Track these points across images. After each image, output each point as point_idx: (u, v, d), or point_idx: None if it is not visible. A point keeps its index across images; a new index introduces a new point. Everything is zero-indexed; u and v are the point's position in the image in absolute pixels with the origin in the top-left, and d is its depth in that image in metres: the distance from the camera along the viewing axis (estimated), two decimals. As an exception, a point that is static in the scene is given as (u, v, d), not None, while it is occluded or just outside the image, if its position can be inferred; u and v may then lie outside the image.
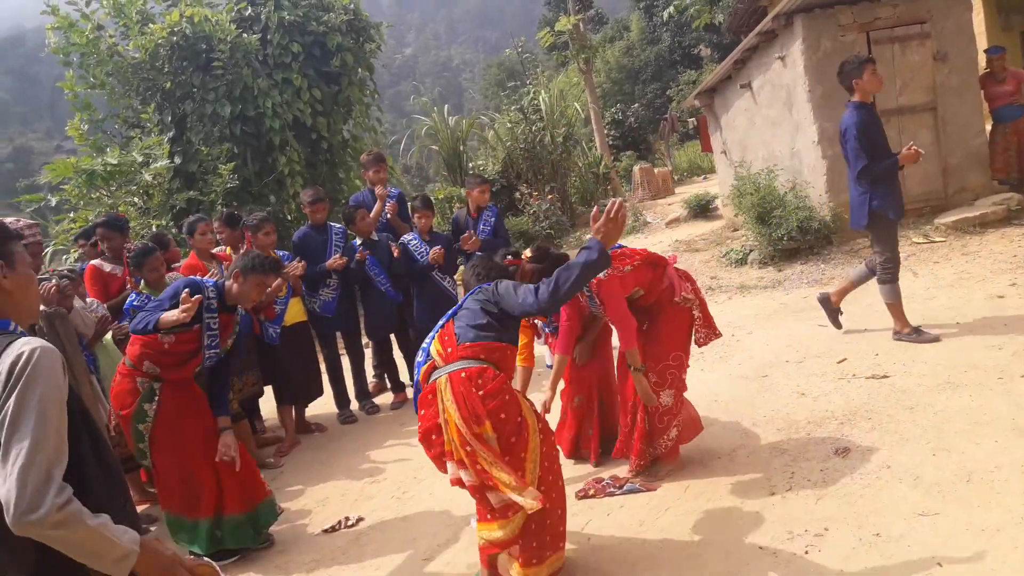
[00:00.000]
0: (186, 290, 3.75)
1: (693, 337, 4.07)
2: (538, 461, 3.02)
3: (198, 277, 4.05)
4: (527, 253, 3.78)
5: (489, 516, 3.03)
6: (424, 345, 3.25)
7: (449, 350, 3.07)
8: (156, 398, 3.93)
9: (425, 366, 3.17)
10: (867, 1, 8.39)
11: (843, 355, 5.29)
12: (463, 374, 2.96)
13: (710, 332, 4.10)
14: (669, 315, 3.96)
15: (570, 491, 3.64)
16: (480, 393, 2.92)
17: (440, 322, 3.26)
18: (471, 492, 3.05)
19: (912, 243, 7.81)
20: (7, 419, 1.60)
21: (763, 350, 5.79)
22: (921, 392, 4.41)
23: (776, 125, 9.55)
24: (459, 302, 3.31)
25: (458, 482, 3.04)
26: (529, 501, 2.79)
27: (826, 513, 3.33)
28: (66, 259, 9.98)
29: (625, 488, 3.96)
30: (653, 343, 3.91)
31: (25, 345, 1.68)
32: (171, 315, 3.71)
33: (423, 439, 3.12)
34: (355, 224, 6.27)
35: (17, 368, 1.64)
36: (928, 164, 8.48)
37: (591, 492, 4.00)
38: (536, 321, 4.47)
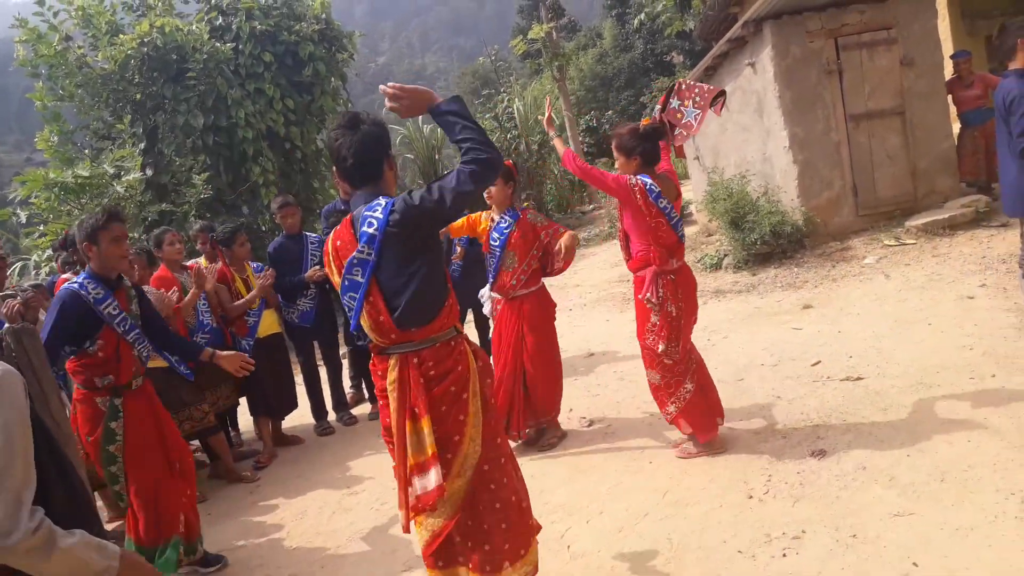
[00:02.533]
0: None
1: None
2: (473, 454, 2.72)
3: (75, 286, 3.75)
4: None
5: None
6: None
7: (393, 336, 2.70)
8: (120, 415, 3.79)
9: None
10: (835, 7, 8.50)
11: (817, 358, 5.34)
12: (415, 359, 2.68)
13: (663, 343, 4.16)
14: (638, 304, 4.29)
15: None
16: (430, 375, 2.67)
17: None
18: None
19: (883, 245, 7.92)
20: None
21: (738, 354, 5.83)
22: (895, 393, 4.46)
23: (747, 131, 9.64)
24: None
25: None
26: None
27: (803, 515, 3.35)
28: (36, 274, 9.84)
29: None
30: (637, 323, 4.34)
31: None
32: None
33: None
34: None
35: None
36: (897, 167, 8.61)
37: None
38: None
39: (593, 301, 9.22)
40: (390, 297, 2.63)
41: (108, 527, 5.04)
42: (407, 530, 2.74)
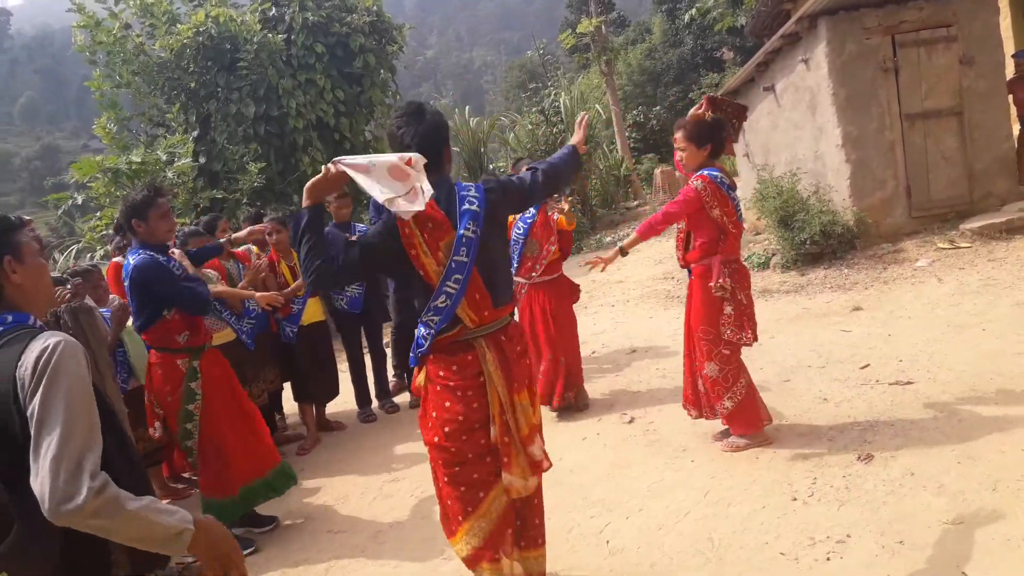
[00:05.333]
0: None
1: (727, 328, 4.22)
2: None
3: (146, 257, 3.90)
4: None
5: (462, 518, 2.76)
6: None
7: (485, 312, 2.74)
8: (198, 375, 4.04)
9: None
10: (893, 4, 8.31)
11: (866, 361, 5.24)
12: (502, 337, 2.77)
13: (740, 332, 4.21)
14: (703, 293, 4.26)
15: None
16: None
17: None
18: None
19: (937, 248, 7.73)
20: (35, 414, 1.60)
21: (785, 355, 5.74)
22: (946, 399, 4.36)
23: (799, 128, 9.48)
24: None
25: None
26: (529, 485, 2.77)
27: (848, 519, 3.30)
28: (90, 256, 10.10)
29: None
30: (690, 314, 4.38)
31: (49, 339, 1.69)
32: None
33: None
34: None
35: (41, 362, 1.64)
36: (953, 169, 8.40)
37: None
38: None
39: (637, 297, 9.16)
40: (486, 274, 2.70)
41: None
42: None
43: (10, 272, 1.82)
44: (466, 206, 2.69)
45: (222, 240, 5.20)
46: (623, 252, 4.41)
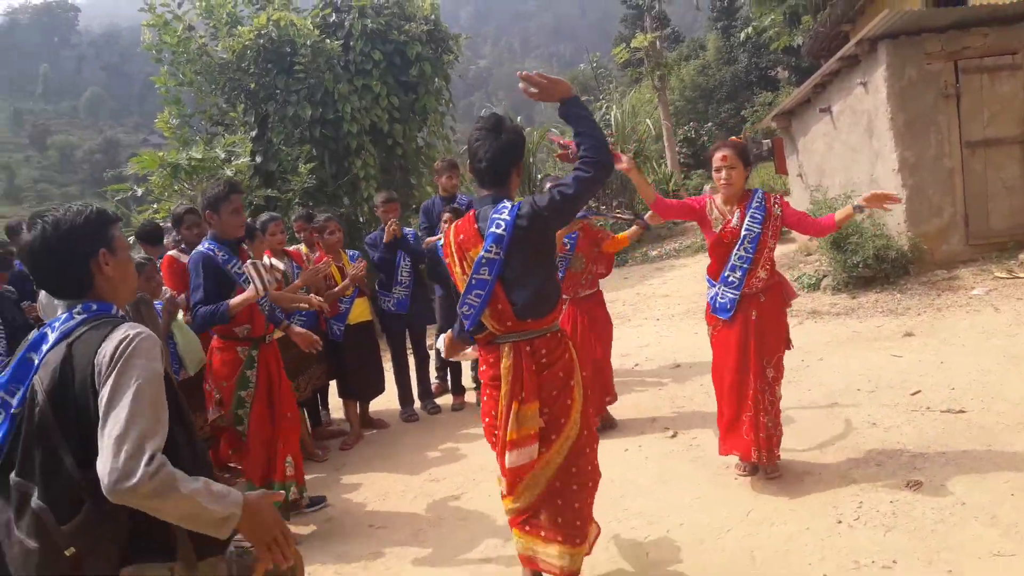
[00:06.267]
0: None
1: None
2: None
3: (203, 249, 4.18)
4: None
5: (506, 491, 3.07)
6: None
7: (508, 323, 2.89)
8: (255, 364, 4.25)
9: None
10: (956, 30, 8.17)
11: (917, 387, 5.15)
12: (527, 348, 2.89)
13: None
14: (778, 309, 4.12)
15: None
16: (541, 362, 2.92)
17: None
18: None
19: (994, 277, 7.56)
20: (106, 396, 1.67)
21: (834, 377, 5.66)
22: (1000, 430, 4.27)
23: (855, 151, 9.36)
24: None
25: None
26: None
27: (895, 546, 3.25)
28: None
29: None
30: (758, 338, 4.04)
31: (130, 330, 1.78)
32: (236, 300, 4.03)
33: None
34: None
35: (119, 351, 1.72)
36: (1015, 198, 8.22)
37: None
38: None
39: (681, 313, 9.11)
40: (511, 290, 2.84)
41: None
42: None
43: (103, 264, 1.90)
44: (493, 228, 2.81)
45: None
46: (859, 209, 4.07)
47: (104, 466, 1.61)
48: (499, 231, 2.78)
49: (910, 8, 8.12)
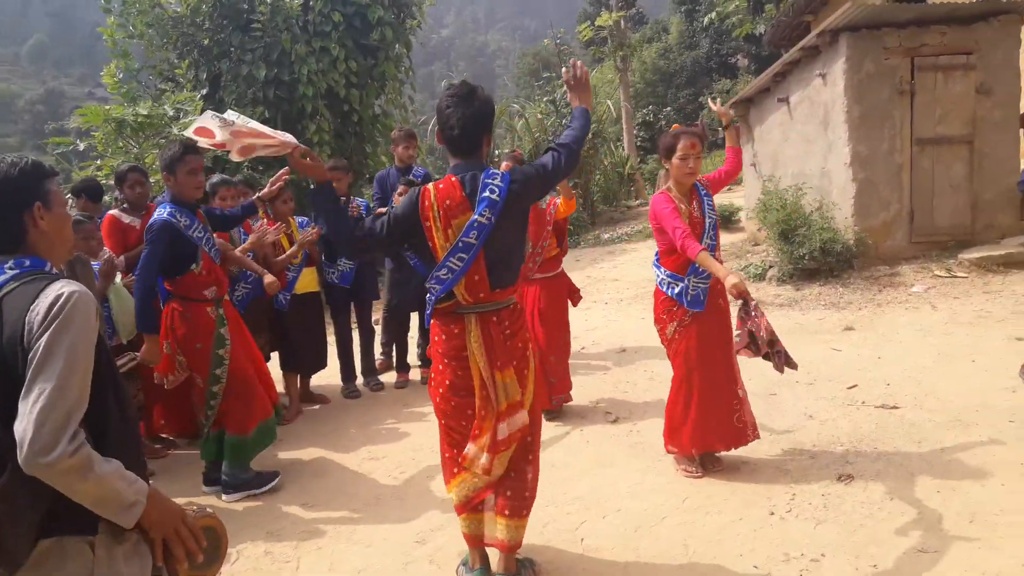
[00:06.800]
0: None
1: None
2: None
3: (165, 215, 4.12)
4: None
5: (456, 471, 3.11)
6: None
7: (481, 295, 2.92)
8: (225, 322, 4.30)
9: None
10: (916, 26, 8.29)
11: (855, 381, 5.25)
12: (494, 318, 2.95)
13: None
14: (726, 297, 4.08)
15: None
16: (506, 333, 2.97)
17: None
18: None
19: (934, 275, 7.74)
20: (36, 358, 1.61)
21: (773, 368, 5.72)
22: (931, 427, 4.37)
23: (810, 142, 9.47)
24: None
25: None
26: (481, 462, 2.93)
27: (824, 539, 3.30)
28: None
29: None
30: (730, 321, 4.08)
31: (64, 287, 1.69)
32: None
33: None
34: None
35: (55, 309, 1.64)
36: (959, 197, 8.41)
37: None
38: None
39: (630, 297, 9.16)
40: (491, 259, 2.87)
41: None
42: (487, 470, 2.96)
43: (38, 218, 1.83)
44: (486, 193, 2.83)
45: (253, 199, 5.14)
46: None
47: (24, 436, 1.55)
48: (493, 196, 2.81)
49: (872, 2, 8.17)
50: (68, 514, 1.68)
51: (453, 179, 2.89)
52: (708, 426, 4.00)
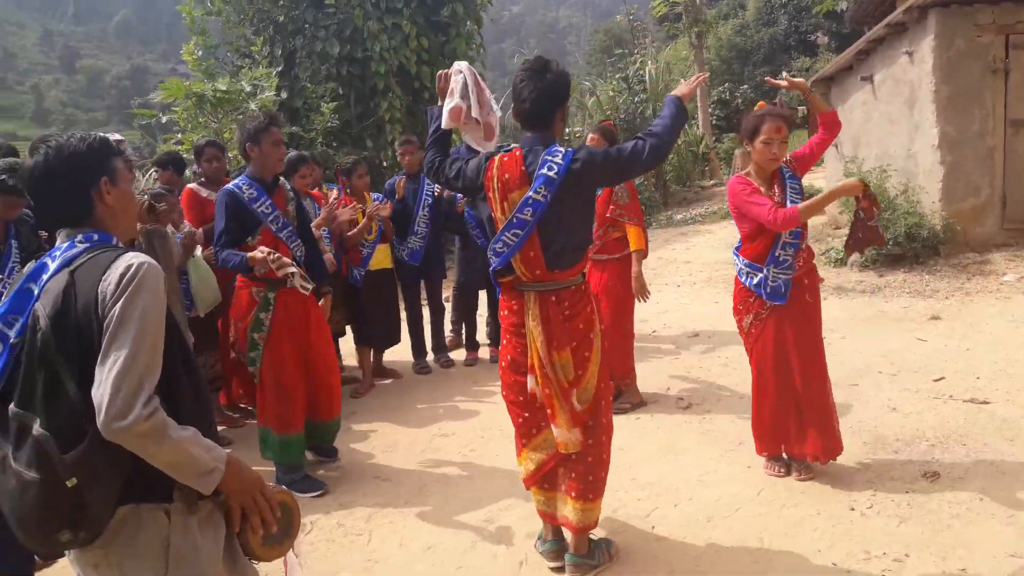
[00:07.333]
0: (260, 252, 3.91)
1: None
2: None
3: (231, 186, 4.12)
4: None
5: (523, 443, 3.16)
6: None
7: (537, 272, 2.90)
8: (271, 308, 4.10)
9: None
10: (1010, 2, 7.82)
11: (941, 373, 5.03)
12: (553, 298, 2.93)
13: None
14: (818, 290, 3.87)
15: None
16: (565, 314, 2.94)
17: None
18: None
19: (1028, 264, 7.36)
20: (110, 326, 1.64)
21: (855, 357, 5.54)
22: (1024, 424, 4.16)
23: (894, 123, 9.08)
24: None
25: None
26: (573, 439, 2.92)
27: (908, 538, 3.17)
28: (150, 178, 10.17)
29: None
30: (818, 318, 3.85)
31: (134, 258, 1.73)
32: (256, 256, 3.88)
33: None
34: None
35: (125, 279, 1.68)
36: (1057, 182, 7.95)
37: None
38: None
39: (703, 280, 8.97)
40: (547, 237, 2.85)
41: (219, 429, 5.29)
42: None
43: (105, 193, 1.86)
44: (544, 170, 2.81)
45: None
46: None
47: (102, 401, 1.59)
48: (551, 173, 2.79)
49: (965, -24, 7.76)
50: (144, 482, 1.71)
51: (517, 152, 2.91)
52: (783, 431, 3.79)
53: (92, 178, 1.84)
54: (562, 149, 2.84)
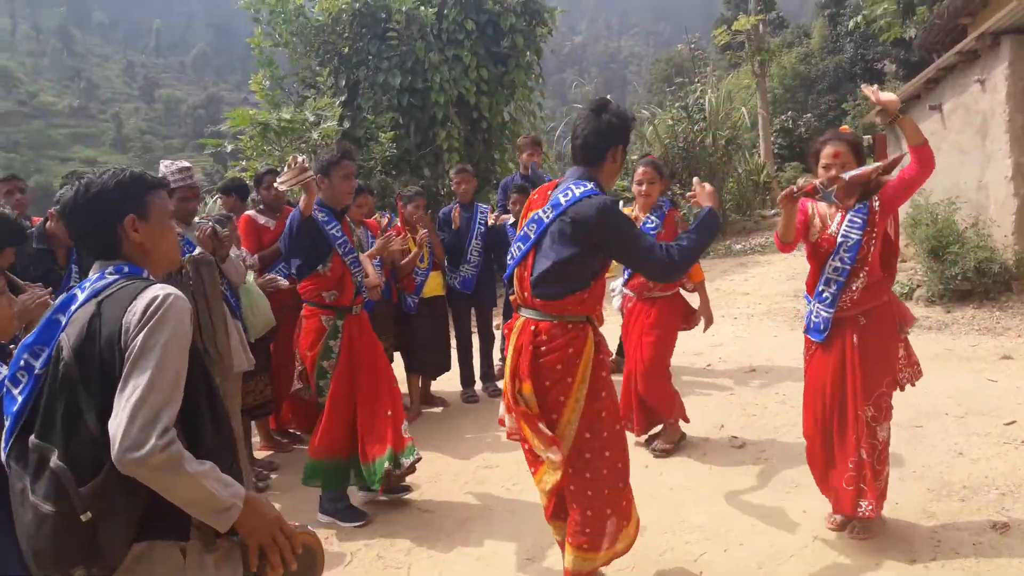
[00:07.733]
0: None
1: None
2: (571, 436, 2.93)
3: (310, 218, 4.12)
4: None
5: (533, 472, 3.14)
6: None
7: (525, 294, 2.98)
8: (339, 334, 4.13)
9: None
10: (1090, 28, 7.51)
11: (1012, 417, 4.77)
12: (532, 327, 2.91)
13: (914, 371, 3.61)
14: (885, 336, 3.45)
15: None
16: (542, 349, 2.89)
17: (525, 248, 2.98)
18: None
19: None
20: (132, 355, 1.64)
21: (919, 397, 5.27)
22: (1104, 475, 3.89)
23: (964, 154, 8.76)
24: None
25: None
26: (553, 458, 2.83)
27: (974, 595, 2.98)
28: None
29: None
30: (869, 364, 3.37)
31: (160, 290, 1.73)
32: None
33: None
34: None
35: (150, 310, 1.68)
36: None
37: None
38: None
39: (762, 313, 8.75)
40: (539, 262, 2.91)
41: (259, 454, 5.33)
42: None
43: (131, 230, 1.87)
44: (559, 196, 2.89)
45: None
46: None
47: (117, 431, 1.57)
48: (562, 199, 2.86)
49: (1040, 3, 7.47)
50: (161, 518, 1.69)
51: (556, 181, 3.08)
52: (820, 478, 3.59)
53: (118, 215, 1.85)
54: (588, 185, 2.86)
